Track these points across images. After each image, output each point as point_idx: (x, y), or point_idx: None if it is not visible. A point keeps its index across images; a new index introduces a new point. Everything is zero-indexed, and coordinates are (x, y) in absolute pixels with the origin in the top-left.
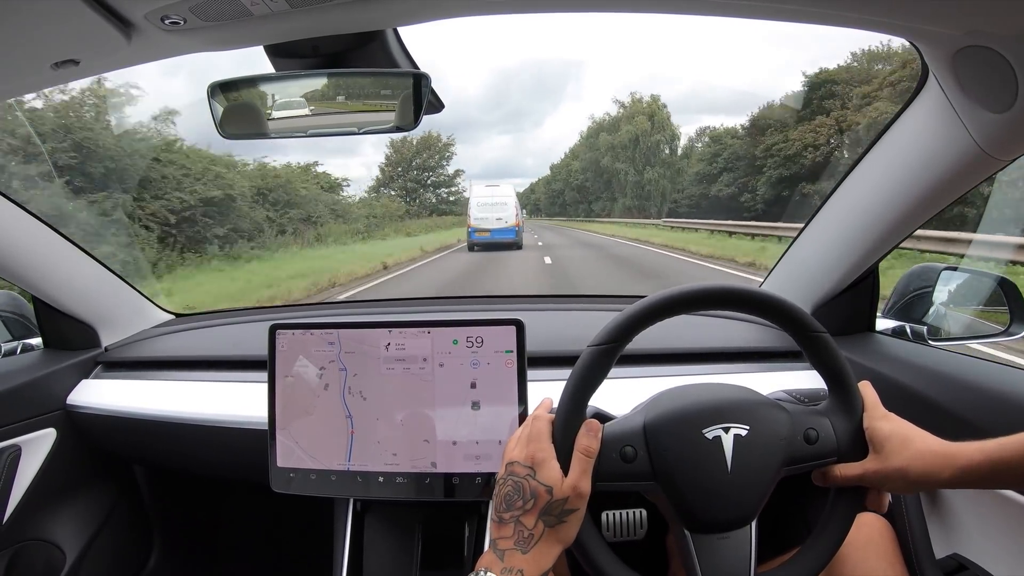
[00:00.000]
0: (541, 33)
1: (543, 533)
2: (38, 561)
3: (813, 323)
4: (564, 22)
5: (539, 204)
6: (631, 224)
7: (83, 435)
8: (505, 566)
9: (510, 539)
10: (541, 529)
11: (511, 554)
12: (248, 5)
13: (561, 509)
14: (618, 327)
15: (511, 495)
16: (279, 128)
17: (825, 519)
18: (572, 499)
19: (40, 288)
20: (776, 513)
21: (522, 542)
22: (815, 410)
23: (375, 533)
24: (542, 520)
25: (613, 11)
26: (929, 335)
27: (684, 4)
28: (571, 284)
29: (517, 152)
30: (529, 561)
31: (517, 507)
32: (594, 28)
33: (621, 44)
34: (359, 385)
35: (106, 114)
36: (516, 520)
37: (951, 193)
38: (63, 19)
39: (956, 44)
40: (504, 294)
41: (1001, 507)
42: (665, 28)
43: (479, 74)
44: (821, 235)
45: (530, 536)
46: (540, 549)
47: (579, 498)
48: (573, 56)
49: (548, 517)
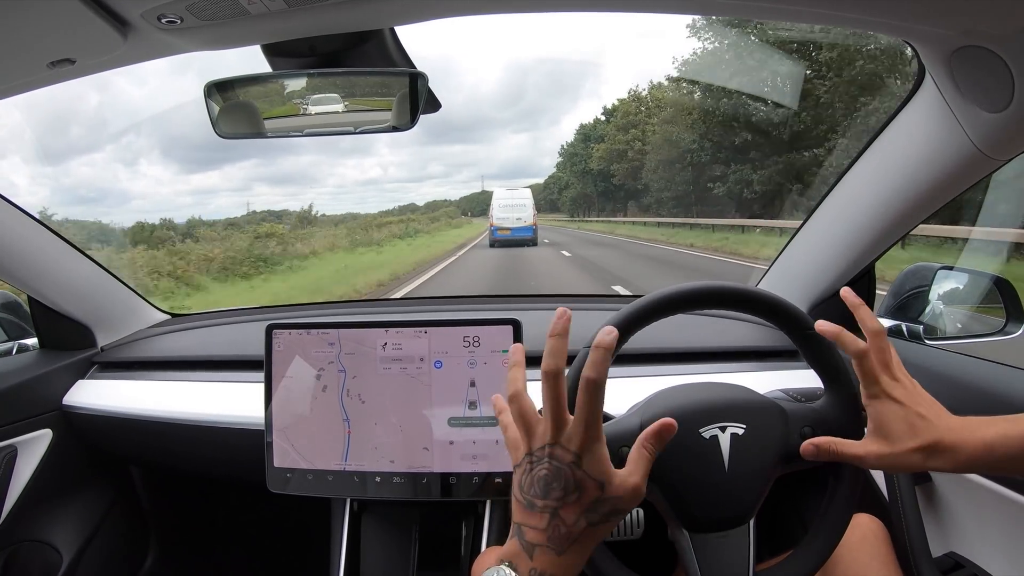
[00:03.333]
0: (557, 29)
1: (582, 532)
2: (35, 562)
3: (808, 321)
4: (579, 18)
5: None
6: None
7: (79, 436)
8: (534, 566)
9: (543, 532)
10: (582, 527)
11: (543, 552)
12: (245, 4)
13: (613, 508)
14: (614, 327)
15: (548, 479)
16: (275, 128)
17: (822, 517)
18: (628, 499)
19: (35, 288)
20: (772, 512)
21: (557, 540)
22: (811, 408)
23: (372, 533)
24: (586, 517)
25: (613, 11)
26: (925, 334)
27: (685, 4)
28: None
29: (534, 152)
30: (562, 564)
31: (555, 496)
32: (612, 23)
33: (640, 39)
34: (358, 387)
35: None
36: (553, 512)
37: (948, 192)
38: (59, 18)
39: (953, 44)
40: (503, 294)
41: (998, 505)
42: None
43: (493, 71)
44: (817, 234)
45: (567, 535)
46: (576, 550)
47: (635, 500)
48: (590, 50)
49: (593, 515)
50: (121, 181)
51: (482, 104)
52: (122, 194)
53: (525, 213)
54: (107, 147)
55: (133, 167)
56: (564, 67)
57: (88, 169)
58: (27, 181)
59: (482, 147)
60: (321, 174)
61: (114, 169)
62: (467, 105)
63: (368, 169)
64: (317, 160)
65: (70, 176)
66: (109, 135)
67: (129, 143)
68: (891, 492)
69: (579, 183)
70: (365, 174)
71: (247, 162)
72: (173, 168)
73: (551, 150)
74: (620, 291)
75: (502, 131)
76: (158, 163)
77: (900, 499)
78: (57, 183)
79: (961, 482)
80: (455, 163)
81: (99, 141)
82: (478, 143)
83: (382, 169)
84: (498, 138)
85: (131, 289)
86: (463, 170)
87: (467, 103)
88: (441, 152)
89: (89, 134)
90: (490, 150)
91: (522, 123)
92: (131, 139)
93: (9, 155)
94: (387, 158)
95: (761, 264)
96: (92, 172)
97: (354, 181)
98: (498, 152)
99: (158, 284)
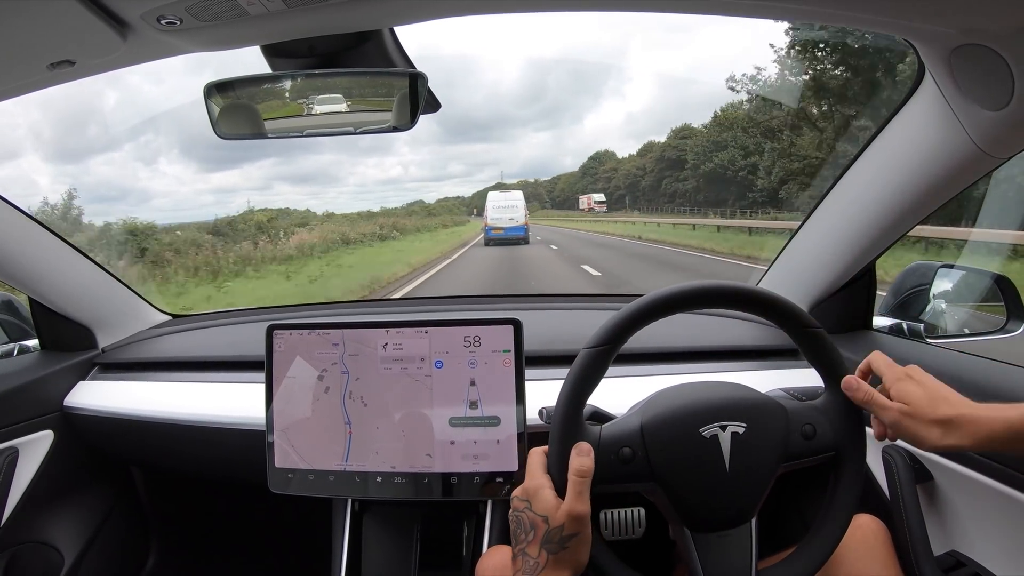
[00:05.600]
0: (579, 25)
1: (548, 561)
2: (36, 563)
3: (809, 319)
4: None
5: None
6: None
7: (80, 437)
8: None
9: (519, 571)
10: (545, 558)
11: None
12: (244, 5)
13: (560, 536)
14: (614, 328)
15: (516, 530)
16: (275, 128)
17: (823, 516)
18: (568, 525)
19: (36, 290)
20: (774, 510)
21: (528, 572)
22: (812, 406)
23: (373, 533)
24: (544, 548)
25: (614, 11)
26: (926, 332)
27: (685, 4)
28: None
29: (557, 151)
30: None
31: (521, 540)
32: (637, 17)
33: (668, 34)
34: (360, 390)
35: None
36: (522, 552)
37: (948, 191)
38: (59, 19)
39: (952, 42)
40: (502, 294)
41: (999, 504)
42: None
43: (514, 68)
44: (818, 233)
45: (535, 565)
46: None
47: (576, 522)
48: (614, 47)
49: (550, 545)
50: (141, 180)
51: (502, 102)
52: (142, 192)
53: (517, 213)
54: (126, 145)
55: (152, 166)
56: (587, 64)
57: (108, 168)
58: (48, 180)
59: (503, 146)
60: (342, 173)
61: (134, 167)
62: (487, 102)
63: (389, 168)
64: (338, 159)
65: (90, 175)
66: (127, 132)
67: (148, 141)
68: (892, 491)
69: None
70: (386, 173)
71: (267, 160)
72: (193, 167)
73: (573, 149)
74: (590, 271)
75: (523, 129)
76: (178, 162)
77: (901, 498)
78: (77, 181)
79: (962, 481)
80: (476, 162)
81: (117, 139)
82: (499, 142)
83: (403, 168)
84: (519, 137)
85: (132, 290)
86: (484, 169)
87: (487, 101)
88: (462, 151)
89: (106, 133)
90: (511, 149)
91: (544, 121)
92: (149, 137)
93: (27, 154)
94: (407, 157)
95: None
96: (112, 171)
97: (375, 180)
98: (519, 151)
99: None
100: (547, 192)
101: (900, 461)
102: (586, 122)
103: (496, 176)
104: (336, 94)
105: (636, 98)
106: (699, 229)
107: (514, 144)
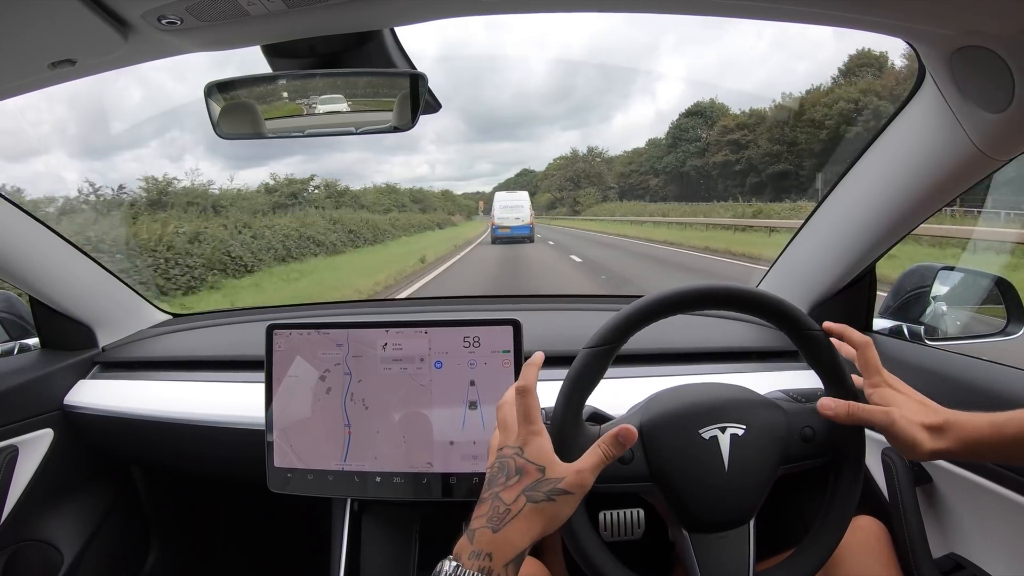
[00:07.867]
0: (605, 22)
1: (522, 509)
2: (36, 562)
3: (808, 321)
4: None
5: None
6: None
7: (80, 436)
8: (474, 549)
9: (483, 517)
10: (521, 504)
11: (481, 533)
12: (245, 5)
13: (553, 488)
14: (613, 328)
15: (495, 475)
16: (276, 128)
17: (822, 517)
18: (571, 483)
19: (37, 288)
20: (773, 512)
21: (495, 519)
22: (812, 408)
23: (372, 533)
24: (525, 495)
25: (614, 11)
26: (926, 335)
27: (685, 4)
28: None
29: (583, 150)
30: (498, 541)
31: (499, 483)
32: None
33: (705, 29)
34: (362, 392)
35: None
36: (495, 496)
37: (948, 193)
38: (60, 19)
39: (953, 44)
40: (502, 294)
41: (999, 506)
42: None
43: (541, 65)
44: (818, 235)
45: (506, 512)
46: (515, 527)
47: (579, 486)
48: (642, 45)
49: (534, 493)
50: (168, 176)
51: (530, 100)
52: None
53: (523, 213)
54: (152, 143)
55: (179, 163)
56: (615, 62)
57: (135, 164)
58: (75, 176)
59: (530, 145)
60: (368, 171)
61: (161, 164)
62: (514, 101)
63: (416, 167)
64: (363, 157)
65: (116, 171)
66: (154, 129)
67: (173, 138)
68: (891, 493)
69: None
70: (413, 172)
71: (293, 159)
72: (219, 164)
73: (600, 149)
74: (575, 259)
75: (550, 128)
76: (204, 158)
77: (900, 500)
78: (104, 178)
79: (962, 483)
80: (503, 161)
81: (143, 136)
82: (526, 140)
83: (430, 167)
84: (546, 135)
85: (132, 289)
86: (511, 168)
87: (514, 99)
88: (488, 150)
89: (132, 129)
90: (538, 148)
91: (571, 119)
92: (175, 135)
93: (54, 150)
94: (434, 155)
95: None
96: (139, 167)
97: (401, 178)
98: (547, 150)
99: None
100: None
101: (899, 463)
102: (614, 121)
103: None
104: (337, 94)
105: (665, 96)
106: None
107: (540, 143)
